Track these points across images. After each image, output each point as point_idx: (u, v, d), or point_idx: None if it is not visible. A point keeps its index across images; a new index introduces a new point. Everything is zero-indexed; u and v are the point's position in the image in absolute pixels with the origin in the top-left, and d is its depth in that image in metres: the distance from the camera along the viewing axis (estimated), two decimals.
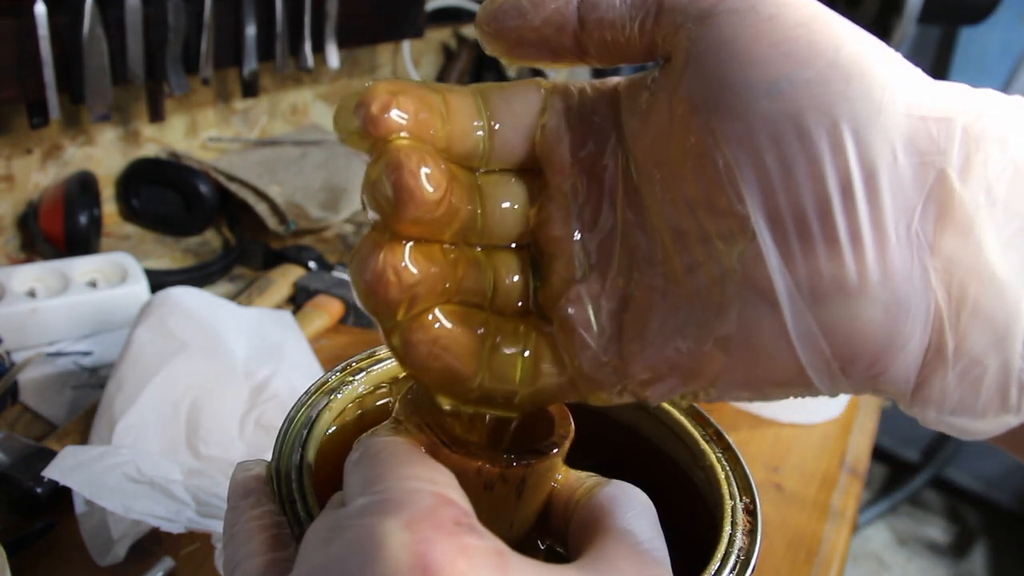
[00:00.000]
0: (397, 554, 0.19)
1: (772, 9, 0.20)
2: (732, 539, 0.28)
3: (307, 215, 0.98)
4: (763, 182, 0.20)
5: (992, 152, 0.19)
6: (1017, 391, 0.19)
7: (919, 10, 1.08)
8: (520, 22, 0.22)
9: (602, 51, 0.22)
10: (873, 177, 0.19)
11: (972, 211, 0.19)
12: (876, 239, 0.19)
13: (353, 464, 0.24)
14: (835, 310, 0.20)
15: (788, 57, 0.20)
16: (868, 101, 0.19)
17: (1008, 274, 0.19)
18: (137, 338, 0.62)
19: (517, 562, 0.20)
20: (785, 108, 0.19)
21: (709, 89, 0.20)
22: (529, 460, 0.25)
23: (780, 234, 0.20)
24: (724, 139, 0.20)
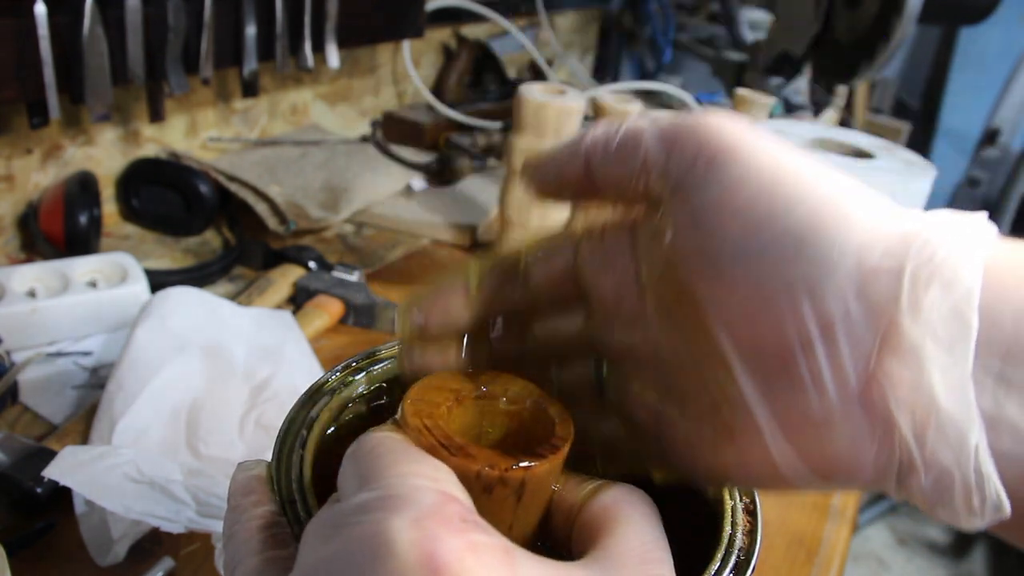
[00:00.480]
0: (405, 551, 0.19)
1: (733, 180, 0.23)
2: (732, 539, 0.28)
3: (307, 215, 0.98)
4: (735, 334, 0.23)
5: (936, 297, 0.21)
6: (979, 502, 0.21)
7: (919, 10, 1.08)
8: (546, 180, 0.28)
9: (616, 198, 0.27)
10: (830, 329, 0.21)
11: (920, 350, 0.21)
12: (836, 380, 0.21)
13: (350, 458, 0.24)
14: (808, 439, 0.22)
15: (746, 225, 0.22)
16: (820, 262, 0.21)
17: (954, 410, 0.21)
18: (137, 338, 0.62)
19: (524, 558, 0.20)
20: (746, 274, 0.22)
21: (685, 253, 0.24)
22: (529, 463, 0.25)
23: (755, 375, 0.23)
24: (701, 296, 0.23)
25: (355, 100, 1.33)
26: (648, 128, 0.25)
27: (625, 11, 1.95)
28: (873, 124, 2.45)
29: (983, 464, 0.21)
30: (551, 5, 1.65)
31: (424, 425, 0.25)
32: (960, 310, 0.21)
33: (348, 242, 1.02)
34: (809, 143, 0.77)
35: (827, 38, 1.26)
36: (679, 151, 0.24)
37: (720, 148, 0.23)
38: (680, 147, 0.24)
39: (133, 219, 0.98)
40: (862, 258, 0.21)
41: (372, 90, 1.36)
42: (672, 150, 0.24)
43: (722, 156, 0.23)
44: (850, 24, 1.20)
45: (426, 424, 0.25)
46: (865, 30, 1.16)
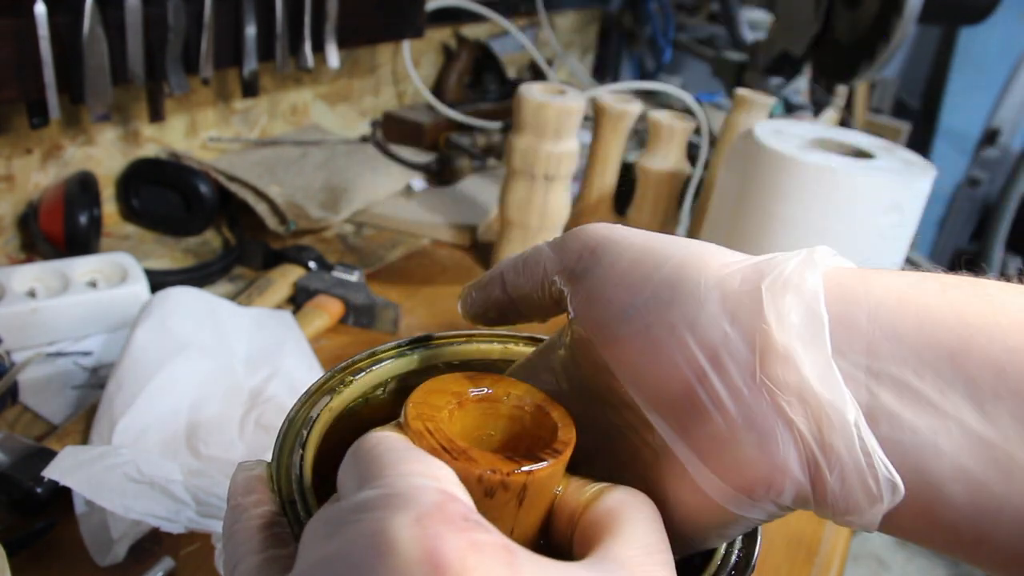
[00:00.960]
0: (408, 549, 0.19)
1: (611, 259, 0.28)
2: (732, 539, 0.28)
3: (307, 215, 0.98)
4: (641, 384, 0.26)
5: (791, 301, 0.24)
6: (874, 483, 0.23)
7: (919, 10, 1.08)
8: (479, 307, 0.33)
9: (532, 313, 0.32)
10: (715, 354, 0.24)
11: (791, 351, 0.23)
12: (732, 397, 0.24)
13: (351, 457, 0.24)
14: (723, 457, 0.25)
15: (628, 288, 0.26)
16: (692, 300, 0.25)
17: (828, 395, 0.23)
18: (137, 338, 0.62)
19: (526, 557, 0.20)
20: (636, 327, 0.26)
21: (589, 329, 0.28)
22: (531, 467, 0.25)
23: (668, 416, 0.26)
24: (609, 360, 0.27)
25: (355, 100, 1.33)
26: (545, 244, 0.30)
27: (625, 11, 1.95)
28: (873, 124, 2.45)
29: (867, 441, 0.23)
30: (551, 5, 1.65)
31: (426, 428, 0.25)
32: (812, 307, 0.24)
33: (348, 242, 1.02)
34: (809, 143, 0.77)
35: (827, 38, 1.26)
36: (566, 251, 0.29)
37: (598, 241, 0.29)
38: (567, 248, 0.29)
39: (133, 219, 0.98)
40: (725, 288, 0.25)
41: (372, 90, 1.36)
42: (562, 252, 0.29)
43: (600, 246, 0.28)
44: (850, 24, 1.20)
45: (428, 427, 0.25)
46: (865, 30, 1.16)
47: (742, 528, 0.26)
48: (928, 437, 0.22)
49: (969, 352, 0.22)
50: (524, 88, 0.86)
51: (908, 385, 0.23)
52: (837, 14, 1.23)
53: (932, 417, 0.22)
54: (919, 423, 0.22)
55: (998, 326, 0.22)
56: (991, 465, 0.22)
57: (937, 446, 0.22)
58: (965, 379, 0.22)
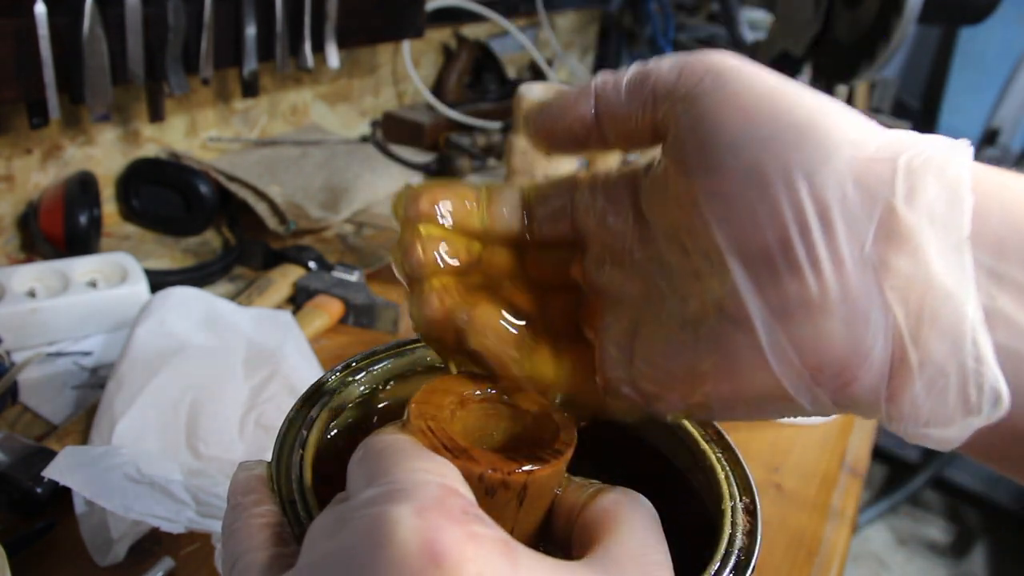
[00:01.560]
0: (407, 540, 0.19)
1: (739, 86, 0.24)
2: (732, 539, 0.28)
3: (307, 215, 0.98)
4: (731, 225, 0.23)
5: (930, 181, 0.22)
6: (976, 392, 0.21)
7: (919, 10, 1.08)
8: (554, 124, 0.28)
9: (619, 139, 0.27)
10: (826, 212, 0.22)
11: (917, 232, 0.21)
12: (833, 263, 0.22)
13: (357, 461, 0.24)
14: (802, 326, 0.22)
15: (750, 120, 0.23)
16: (819, 150, 0.22)
17: (951, 284, 0.21)
18: (137, 338, 0.62)
19: (524, 552, 0.20)
20: (748, 161, 0.23)
21: (689, 153, 0.25)
22: (532, 467, 0.25)
23: (750, 267, 0.23)
24: (702, 193, 0.24)
25: (355, 100, 1.33)
26: (657, 63, 0.26)
27: (625, 11, 1.95)
28: None
29: (981, 345, 0.21)
30: (551, 5, 1.65)
31: (428, 427, 0.25)
32: (954, 189, 0.21)
33: (348, 242, 1.02)
34: None
35: (827, 38, 1.26)
36: (688, 72, 0.25)
37: (726, 67, 0.25)
38: (689, 69, 0.25)
39: (133, 219, 0.98)
40: (859, 149, 0.22)
41: (372, 90, 1.36)
42: (681, 73, 0.25)
43: (726, 71, 0.25)
44: (850, 24, 1.20)
45: (430, 426, 0.25)
46: (865, 30, 1.16)
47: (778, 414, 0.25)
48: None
49: None
50: (524, 88, 0.86)
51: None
52: (837, 14, 1.23)
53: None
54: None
55: None
56: None
57: None
58: None
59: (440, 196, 0.29)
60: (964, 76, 2.60)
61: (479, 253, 0.29)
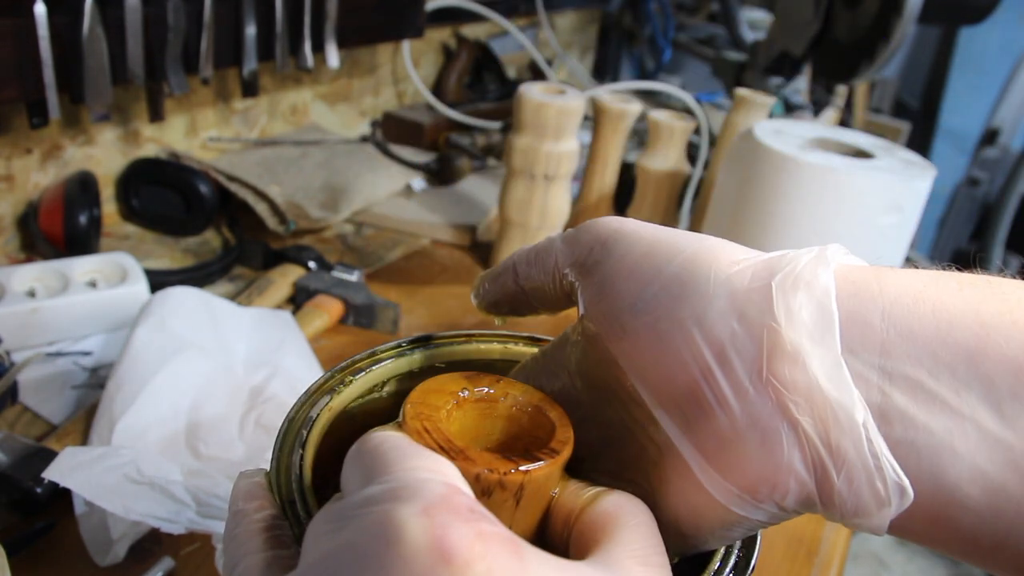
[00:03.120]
0: (415, 538, 0.19)
1: (622, 250, 0.27)
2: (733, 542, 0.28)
3: (307, 215, 0.98)
4: (647, 380, 0.26)
5: (801, 299, 0.23)
6: (882, 486, 0.22)
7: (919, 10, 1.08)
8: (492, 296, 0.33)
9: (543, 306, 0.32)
10: (722, 352, 0.24)
11: (801, 350, 0.23)
12: (737, 396, 0.24)
13: (353, 457, 0.24)
14: (727, 456, 0.24)
15: (638, 281, 0.26)
16: (701, 296, 0.25)
17: (837, 393, 0.22)
18: (137, 338, 0.62)
19: (531, 550, 0.20)
20: (645, 321, 0.26)
21: (597, 322, 0.27)
22: (528, 467, 0.25)
23: (673, 413, 0.25)
24: (618, 356, 0.27)
25: (355, 100, 1.33)
26: (557, 236, 0.30)
27: (625, 11, 1.95)
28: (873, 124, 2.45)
29: (875, 442, 0.22)
30: (551, 5, 1.65)
31: (424, 427, 0.25)
32: (823, 304, 0.23)
33: (348, 242, 1.02)
34: (809, 143, 0.77)
35: (827, 38, 1.26)
36: (578, 244, 0.29)
37: (609, 234, 0.28)
38: (579, 241, 0.29)
39: (133, 219, 0.98)
40: (734, 285, 0.24)
41: (372, 90, 1.36)
42: (573, 245, 0.29)
43: (611, 239, 0.28)
44: (850, 24, 1.20)
45: (426, 426, 0.25)
46: (865, 30, 1.16)
47: (743, 531, 0.26)
48: (943, 438, 0.22)
49: (986, 352, 0.22)
50: (524, 88, 0.86)
51: (923, 385, 0.22)
52: (837, 14, 1.23)
53: (948, 418, 0.22)
54: (934, 424, 0.22)
55: (1015, 325, 0.22)
56: (1010, 467, 0.21)
57: (953, 448, 0.22)
58: (982, 379, 0.22)
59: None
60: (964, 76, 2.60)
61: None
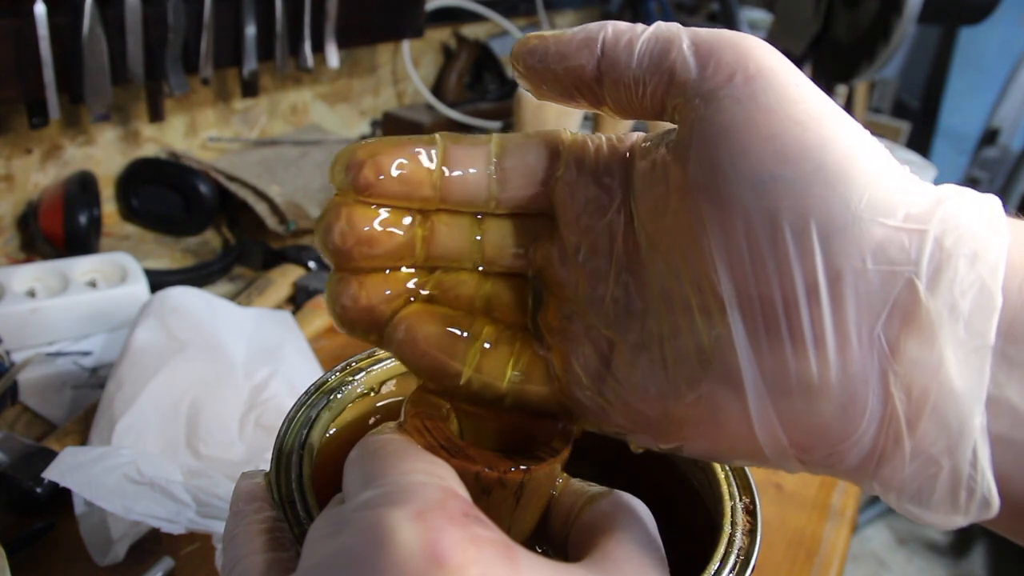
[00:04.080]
0: (408, 542, 0.19)
1: (772, 102, 0.21)
2: (732, 539, 0.28)
3: (307, 215, 0.98)
4: (736, 273, 0.21)
5: (961, 267, 0.20)
6: (966, 495, 0.20)
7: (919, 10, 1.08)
8: (546, 67, 0.24)
9: (617, 105, 0.24)
10: (838, 281, 0.20)
11: (937, 323, 0.19)
12: (838, 341, 0.20)
13: (353, 461, 0.24)
14: (795, 404, 0.21)
15: (777, 154, 0.20)
16: (844, 208, 0.20)
17: (964, 388, 0.19)
18: (137, 338, 0.62)
19: (524, 554, 0.20)
20: (764, 204, 0.20)
21: (702, 172, 0.21)
22: (528, 466, 0.25)
23: (751, 325, 0.21)
24: (709, 223, 0.21)
25: (355, 100, 1.33)
26: (681, 34, 0.22)
27: (625, 11, 1.95)
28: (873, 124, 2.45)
29: (980, 456, 0.19)
30: (551, 5, 1.65)
31: (424, 426, 0.25)
32: (985, 284, 0.19)
33: None
34: None
35: (827, 38, 1.26)
36: (716, 63, 0.22)
37: (761, 68, 0.21)
38: (718, 59, 0.22)
39: (133, 219, 0.98)
40: (888, 213, 0.20)
41: (372, 90, 1.36)
42: (708, 62, 0.22)
43: (763, 76, 0.21)
44: (850, 24, 1.20)
45: (426, 425, 0.25)
46: (865, 30, 1.16)
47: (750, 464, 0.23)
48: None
49: None
50: None
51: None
52: (837, 14, 1.23)
53: None
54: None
55: None
56: None
57: None
58: None
59: (386, 158, 0.24)
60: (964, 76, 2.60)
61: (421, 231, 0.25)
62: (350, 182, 0.24)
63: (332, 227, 0.24)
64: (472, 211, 0.26)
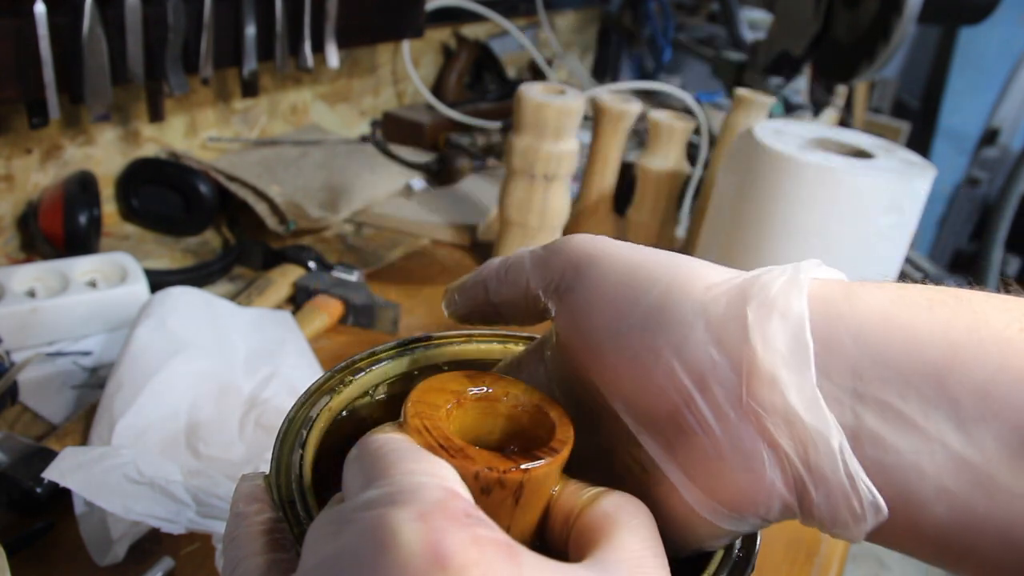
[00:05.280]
0: (411, 543, 0.19)
1: (595, 280, 0.27)
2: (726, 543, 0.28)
3: (307, 215, 0.98)
4: (629, 405, 0.26)
5: (776, 325, 0.24)
6: (858, 504, 0.23)
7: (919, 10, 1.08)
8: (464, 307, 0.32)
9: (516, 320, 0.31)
10: (703, 379, 0.24)
11: (777, 376, 0.23)
12: (719, 421, 0.24)
13: (353, 460, 0.24)
14: (711, 477, 0.25)
15: (615, 313, 0.26)
16: (679, 327, 0.25)
17: (813, 421, 0.23)
18: (137, 338, 0.62)
19: (527, 555, 0.20)
20: (624, 351, 0.26)
21: (574, 343, 0.28)
22: (527, 466, 0.25)
23: (656, 435, 0.26)
24: (596, 379, 0.27)
25: (355, 100, 1.33)
26: (527, 254, 0.30)
27: (625, 11, 1.95)
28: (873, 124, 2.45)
29: (850, 465, 0.23)
30: (551, 5, 1.65)
31: (424, 426, 0.25)
32: (797, 333, 0.24)
33: (348, 242, 1.02)
34: (809, 143, 0.77)
35: (827, 38, 1.26)
36: (549, 267, 0.29)
37: (580, 257, 0.28)
38: (550, 265, 0.29)
39: (133, 219, 0.98)
40: (711, 313, 0.25)
41: (372, 90, 1.36)
42: (544, 268, 0.29)
43: (584, 263, 0.28)
44: (850, 24, 1.20)
45: (426, 425, 0.25)
46: (865, 30, 1.16)
47: (732, 537, 0.27)
48: (911, 459, 0.23)
49: (952, 373, 0.22)
50: (524, 88, 0.86)
51: (892, 407, 0.23)
52: (837, 14, 1.23)
53: (915, 439, 0.22)
54: (902, 445, 0.23)
55: (982, 345, 0.22)
56: (973, 486, 0.22)
57: (920, 468, 0.22)
58: (949, 401, 0.22)
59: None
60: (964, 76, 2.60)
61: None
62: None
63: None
64: None
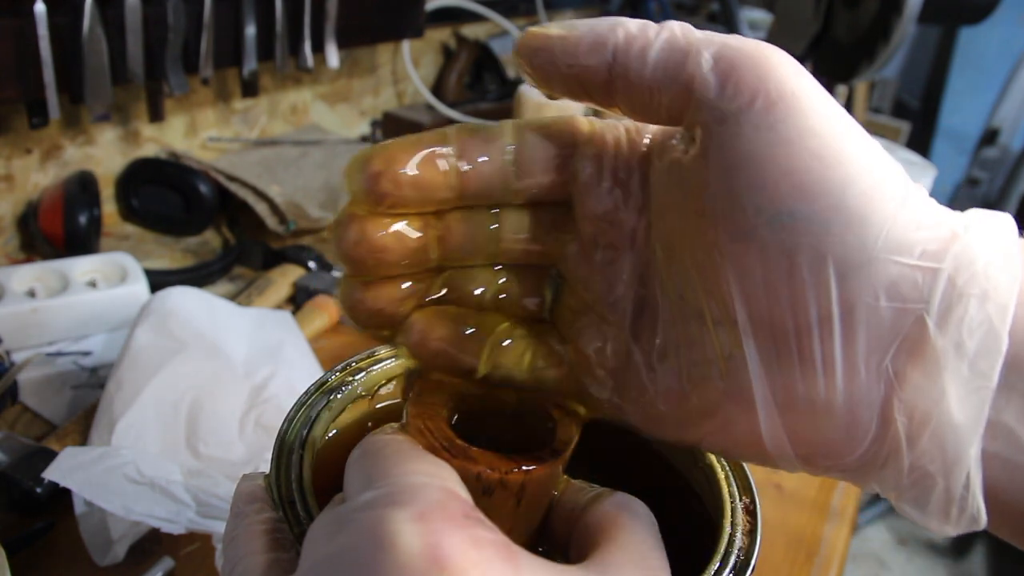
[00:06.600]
0: (409, 544, 0.19)
1: (792, 133, 0.21)
2: (732, 539, 0.28)
3: (307, 215, 0.98)
4: (751, 299, 0.22)
5: (971, 307, 0.20)
6: (957, 511, 0.21)
7: (919, 10, 1.08)
8: (553, 65, 0.23)
9: (630, 109, 0.23)
10: (851, 315, 0.21)
11: (943, 360, 0.20)
12: (846, 370, 0.21)
13: (355, 461, 0.24)
14: (802, 421, 0.22)
15: (795, 189, 0.20)
16: (861, 247, 0.20)
17: (962, 421, 0.20)
18: (137, 338, 0.62)
19: (525, 556, 0.20)
20: (782, 240, 0.21)
21: (719, 201, 0.22)
22: (529, 467, 0.25)
23: (764, 348, 0.22)
24: (724, 249, 0.22)
25: (355, 100, 1.33)
26: (700, 45, 0.22)
27: (625, 11, 1.95)
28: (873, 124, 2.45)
29: (973, 482, 0.21)
30: (551, 5, 1.65)
31: (426, 427, 0.25)
32: (993, 325, 0.20)
33: None
34: None
35: (827, 38, 1.26)
36: (735, 84, 0.21)
37: (783, 93, 0.21)
38: (738, 80, 0.21)
39: (133, 219, 0.98)
40: (901, 254, 0.20)
41: (372, 90, 1.36)
42: (727, 81, 0.21)
43: (785, 103, 0.21)
44: (850, 24, 1.20)
45: (427, 426, 0.25)
46: (865, 30, 1.16)
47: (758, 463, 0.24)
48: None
49: None
50: (524, 88, 0.86)
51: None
52: (837, 14, 1.23)
53: None
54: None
55: None
56: None
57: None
58: None
59: (402, 166, 0.23)
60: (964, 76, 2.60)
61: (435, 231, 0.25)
62: (365, 192, 0.23)
63: (346, 235, 0.24)
64: (488, 204, 0.25)
